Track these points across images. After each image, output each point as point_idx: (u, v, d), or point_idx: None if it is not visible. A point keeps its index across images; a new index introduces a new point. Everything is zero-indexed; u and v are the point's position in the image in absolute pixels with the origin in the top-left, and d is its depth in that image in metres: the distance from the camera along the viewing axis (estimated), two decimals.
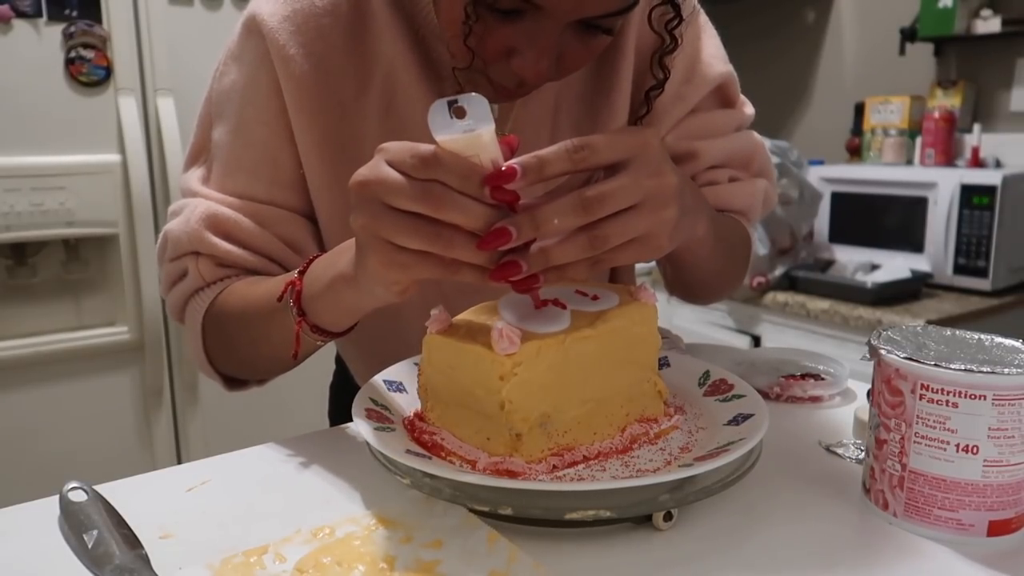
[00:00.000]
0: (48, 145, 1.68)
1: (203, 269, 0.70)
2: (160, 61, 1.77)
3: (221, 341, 0.71)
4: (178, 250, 0.70)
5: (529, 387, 0.52)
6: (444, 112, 0.45)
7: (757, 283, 2.10)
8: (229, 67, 0.72)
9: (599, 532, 0.50)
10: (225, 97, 0.71)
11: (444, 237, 0.47)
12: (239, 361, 0.73)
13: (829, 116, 2.66)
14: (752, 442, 0.51)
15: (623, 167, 0.48)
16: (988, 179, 1.92)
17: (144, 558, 0.46)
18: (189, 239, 0.69)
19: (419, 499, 0.53)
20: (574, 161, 0.47)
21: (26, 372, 1.72)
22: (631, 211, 0.48)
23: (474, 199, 0.46)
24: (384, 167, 0.47)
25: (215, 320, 0.70)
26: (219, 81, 0.72)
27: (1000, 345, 0.51)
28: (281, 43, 0.67)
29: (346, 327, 0.62)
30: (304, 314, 0.60)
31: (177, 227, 0.70)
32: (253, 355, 0.71)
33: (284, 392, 1.98)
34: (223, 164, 0.71)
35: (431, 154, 0.46)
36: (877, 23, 2.51)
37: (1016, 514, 0.48)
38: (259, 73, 0.69)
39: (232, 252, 0.69)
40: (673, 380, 0.66)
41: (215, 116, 0.72)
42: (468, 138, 0.45)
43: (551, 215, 0.46)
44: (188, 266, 0.70)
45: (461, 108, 0.45)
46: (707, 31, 0.80)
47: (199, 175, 0.73)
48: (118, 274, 1.79)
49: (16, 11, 1.62)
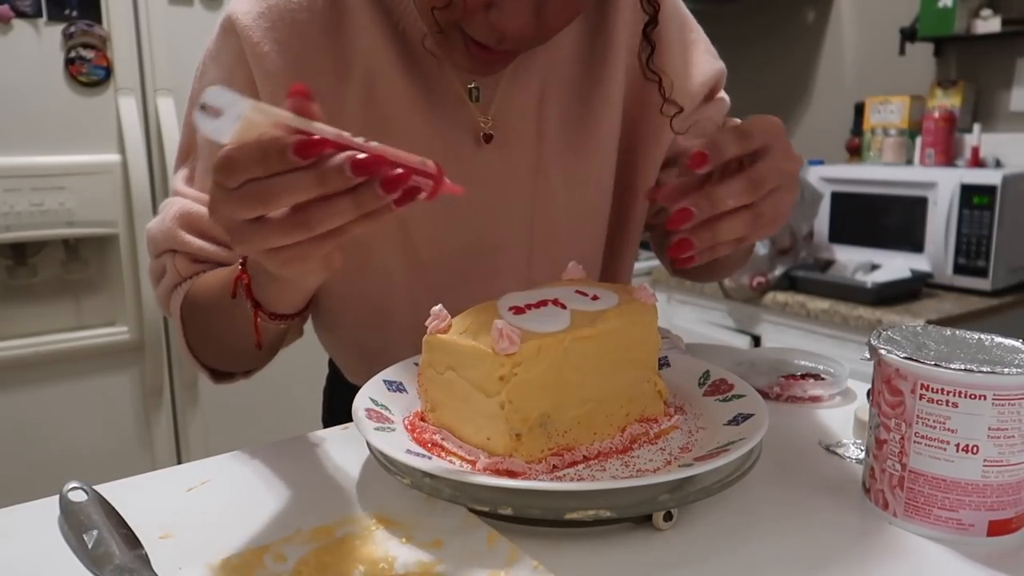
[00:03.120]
0: (48, 145, 1.68)
1: (179, 265, 0.72)
2: (160, 61, 1.77)
3: (198, 333, 0.73)
4: (157, 248, 0.73)
5: (529, 387, 0.52)
6: (205, 120, 0.42)
7: (757, 283, 2.10)
8: (208, 67, 0.73)
9: (599, 532, 0.50)
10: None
11: (300, 224, 0.44)
12: (215, 352, 0.75)
13: (829, 116, 2.66)
14: (752, 442, 0.51)
15: (765, 152, 0.53)
16: (988, 179, 1.92)
17: (144, 558, 0.46)
18: (164, 237, 0.72)
19: (419, 499, 0.53)
20: (742, 146, 0.52)
21: (26, 372, 1.72)
22: (777, 191, 0.53)
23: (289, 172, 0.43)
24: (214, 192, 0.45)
25: (190, 314, 0.72)
26: (199, 81, 0.74)
27: (1000, 345, 0.51)
28: (255, 40, 0.68)
29: (301, 306, 0.64)
30: (259, 305, 0.61)
31: (155, 226, 0.73)
32: (225, 346, 0.73)
33: (284, 392, 1.99)
34: (204, 161, 0.73)
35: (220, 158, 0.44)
36: (877, 23, 2.51)
37: (1016, 514, 0.48)
38: (235, 71, 0.70)
39: (205, 248, 0.71)
40: (673, 380, 0.66)
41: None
42: (241, 126, 0.42)
43: (726, 195, 0.52)
44: (166, 263, 0.73)
45: (212, 107, 0.42)
46: (695, 46, 0.83)
47: (183, 175, 0.75)
48: (118, 274, 1.79)
49: (16, 11, 1.62)
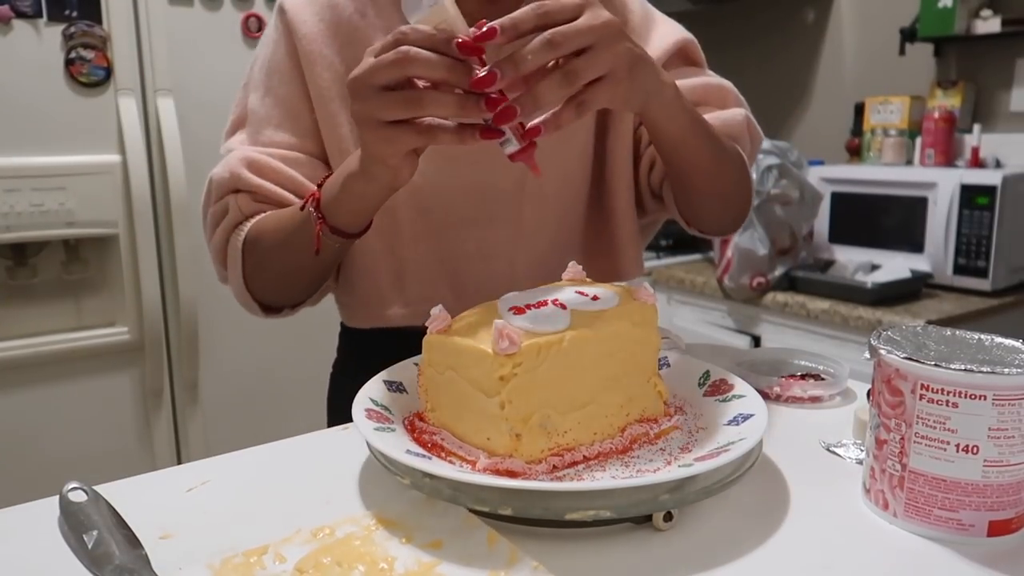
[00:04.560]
0: (48, 145, 1.68)
1: (242, 204, 0.81)
2: (160, 61, 1.77)
3: (257, 260, 0.81)
4: (221, 190, 0.81)
5: (529, 387, 0.52)
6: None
7: (757, 283, 2.10)
8: (260, 50, 0.86)
9: (599, 532, 0.50)
10: (257, 71, 0.86)
11: (415, 98, 0.55)
12: (273, 277, 0.82)
13: (829, 116, 2.66)
14: (752, 442, 0.51)
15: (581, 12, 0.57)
16: (988, 179, 1.92)
17: (144, 558, 0.46)
18: (231, 177, 0.80)
19: (419, 499, 0.53)
20: (539, 16, 0.55)
21: (26, 372, 1.72)
22: (591, 49, 0.56)
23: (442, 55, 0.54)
24: (369, 59, 0.57)
25: (252, 246, 0.80)
26: (254, 65, 0.87)
27: (1000, 345, 0.51)
28: (296, 13, 0.82)
29: (359, 227, 0.72)
30: (323, 217, 0.70)
31: (219, 171, 0.82)
32: (283, 266, 0.80)
33: (284, 392, 1.99)
34: (256, 123, 0.84)
35: (400, 31, 0.55)
36: (877, 23, 2.51)
37: (1016, 514, 0.48)
38: (280, 43, 0.83)
39: (265, 187, 0.80)
40: (673, 380, 0.66)
41: (251, 89, 0.86)
42: (434, 10, 0.55)
43: (526, 54, 0.54)
44: (230, 203, 0.81)
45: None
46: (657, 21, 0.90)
47: (239, 138, 0.85)
48: (118, 274, 1.79)
49: (16, 11, 1.62)
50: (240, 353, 1.94)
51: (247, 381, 1.97)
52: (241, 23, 1.85)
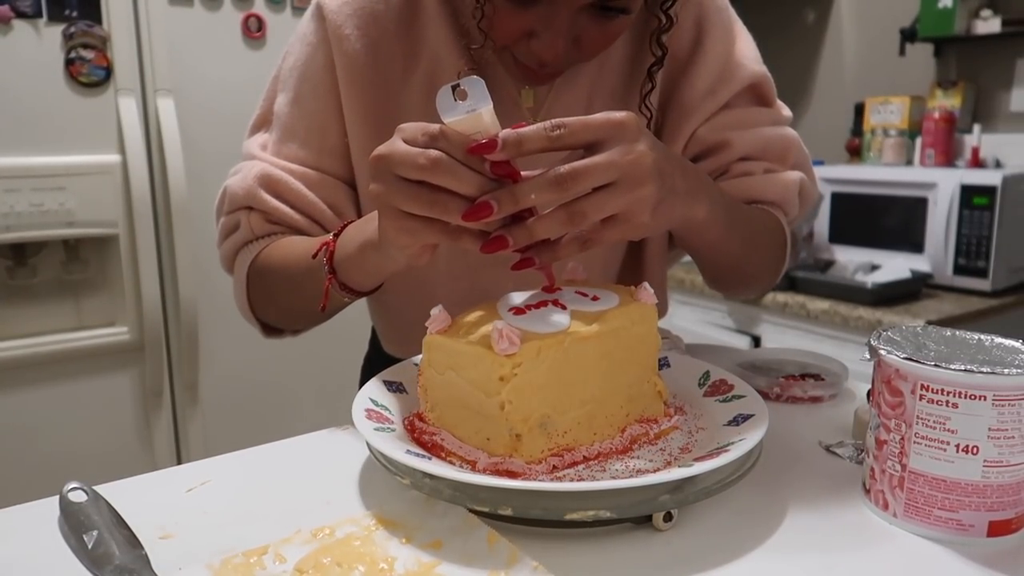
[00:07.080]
0: (48, 145, 1.68)
1: (254, 223, 0.78)
2: (160, 61, 1.77)
3: (263, 290, 0.79)
4: (234, 204, 0.79)
5: (529, 387, 0.52)
6: (449, 96, 0.50)
7: None
8: (295, 47, 0.80)
9: (599, 532, 0.50)
10: (288, 73, 0.80)
11: (441, 202, 0.51)
12: (277, 310, 0.81)
13: (829, 116, 2.66)
14: (752, 442, 0.51)
15: (600, 147, 0.51)
16: (988, 179, 1.92)
17: (144, 558, 0.46)
18: (245, 194, 0.77)
19: (419, 499, 0.53)
20: (551, 139, 0.50)
21: (26, 372, 1.72)
22: (607, 188, 0.51)
23: (473, 171, 0.51)
24: (398, 143, 0.52)
25: (259, 271, 0.78)
26: (285, 60, 0.81)
27: (1000, 345, 0.51)
28: (338, 24, 0.76)
29: (370, 288, 0.69)
30: (334, 272, 0.67)
31: (235, 183, 0.78)
32: (288, 305, 0.78)
33: (284, 392, 1.99)
34: (280, 132, 0.80)
35: (438, 130, 0.51)
36: (877, 23, 2.51)
37: (1016, 514, 0.48)
38: (317, 52, 0.77)
39: (280, 209, 0.77)
40: (673, 380, 0.66)
41: (280, 89, 0.81)
42: (470, 118, 0.50)
43: (529, 190, 0.50)
44: (241, 219, 0.78)
45: (463, 91, 0.50)
46: (742, 33, 0.84)
47: (260, 141, 0.81)
48: (118, 274, 1.79)
49: (16, 11, 1.62)
50: (240, 353, 1.94)
51: (247, 381, 1.97)
52: (241, 23, 1.85)
